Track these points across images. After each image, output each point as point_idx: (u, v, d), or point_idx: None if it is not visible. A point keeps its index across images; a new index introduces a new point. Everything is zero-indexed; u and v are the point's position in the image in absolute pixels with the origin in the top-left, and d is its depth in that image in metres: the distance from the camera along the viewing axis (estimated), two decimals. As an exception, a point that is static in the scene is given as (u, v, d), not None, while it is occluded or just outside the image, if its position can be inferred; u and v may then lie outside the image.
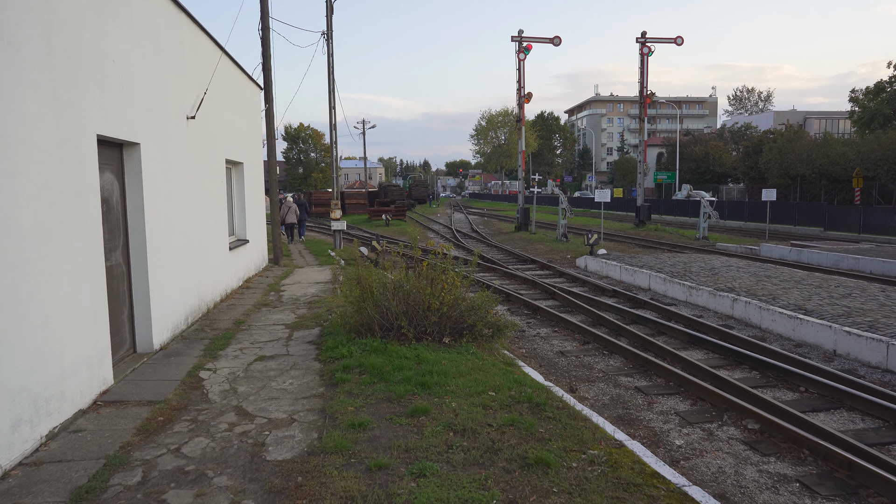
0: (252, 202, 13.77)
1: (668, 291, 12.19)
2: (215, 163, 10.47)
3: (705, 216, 25.35)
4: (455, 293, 7.45)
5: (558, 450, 4.49)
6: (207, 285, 9.65)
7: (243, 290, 11.89)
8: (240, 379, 6.30)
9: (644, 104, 31.07)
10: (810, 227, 27.97)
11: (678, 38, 30.92)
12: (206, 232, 9.71)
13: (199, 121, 9.38)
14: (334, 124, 20.46)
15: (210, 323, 8.94)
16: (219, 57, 10.45)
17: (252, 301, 10.76)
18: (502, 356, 7.22)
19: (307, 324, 8.83)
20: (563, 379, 7.18)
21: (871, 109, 50.84)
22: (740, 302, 9.88)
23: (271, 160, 16.27)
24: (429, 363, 6.46)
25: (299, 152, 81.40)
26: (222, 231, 10.91)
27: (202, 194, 9.50)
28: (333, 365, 6.62)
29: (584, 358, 8.02)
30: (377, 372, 6.25)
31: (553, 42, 29.79)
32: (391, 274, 8.06)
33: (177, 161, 8.21)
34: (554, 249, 21.32)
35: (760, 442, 5.28)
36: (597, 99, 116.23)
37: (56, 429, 4.80)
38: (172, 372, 6.48)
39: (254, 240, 13.89)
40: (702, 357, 7.90)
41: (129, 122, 6.51)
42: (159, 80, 7.54)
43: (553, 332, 9.38)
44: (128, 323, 6.87)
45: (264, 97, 15.84)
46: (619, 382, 7.01)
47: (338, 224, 20.34)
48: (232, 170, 12.80)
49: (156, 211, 7.28)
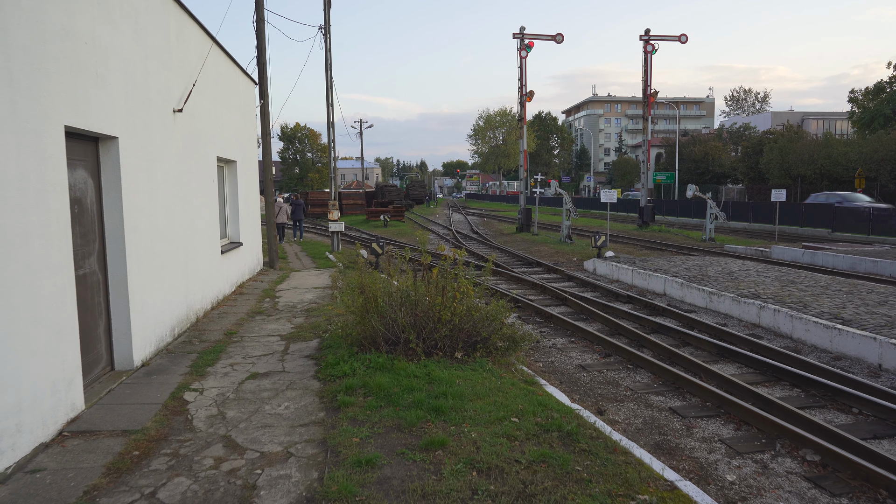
0: (246, 203, 13.07)
1: (685, 297, 11.54)
2: (206, 160, 9.76)
3: (712, 217, 24.73)
4: (468, 303, 6.77)
5: (602, 495, 3.82)
6: (196, 293, 8.95)
7: (236, 297, 11.18)
8: (229, 401, 5.60)
9: (648, 103, 30.46)
10: (817, 229, 27.38)
11: (682, 36, 30.32)
12: (196, 235, 9.01)
13: (188, 115, 8.68)
14: (332, 122, 19.75)
15: (199, 334, 8.23)
16: (209, 47, 9.75)
17: (245, 309, 10.05)
18: (521, 373, 6.54)
19: (305, 335, 8.13)
20: (588, 398, 6.51)
21: (871, 110, 50.47)
22: (768, 309, 9.22)
23: (266, 159, 15.55)
24: (442, 383, 5.78)
25: (295, 152, 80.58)
26: (213, 234, 10.21)
27: (191, 194, 8.80)
28: (335, 384, 5.93)
29: (607, 373, 7.34)
30: (384, 394, 5.56)
31: (555, 39, 29.16)
32: (396, 281, 7.38)
33: (162, 158, 7.51)
34: (559, 251, 20.65)
35: (825, 478, 4.61)
36: (594, 99, 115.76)
37: (10, 469, 4.09)
38: (154, 393, 5.78)
39: (248, 242, 13.18)
40: (735, 371, 7.24)
41: (104, 113, 5.81)
42: (141, 68, 6.83)
43: (570, 343, 8.70)
44: (104, 338, 6.16)
45: (259, 93, 15.13)
46: (650, 402, 6.33)
47: (336, 225, 19.62)
48: (224, 168, 12.09)
49: (137, 212, 6.57)
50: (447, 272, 6.87)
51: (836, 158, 43.08)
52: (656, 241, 24.26)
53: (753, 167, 55.51)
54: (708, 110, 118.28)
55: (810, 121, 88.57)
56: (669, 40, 30.21)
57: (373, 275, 7.03)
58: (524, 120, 29.53)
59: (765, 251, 19.66)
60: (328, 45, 19.37)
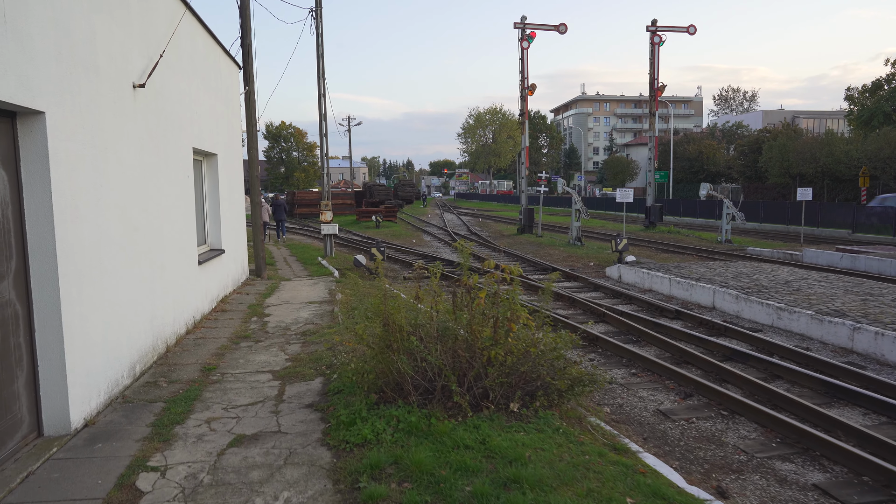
0: (229, 203, 11.26)
1: (742, 312, 9.95)
2: (178, 152, 7.98)
3: (728, 217, 23.30)
4: (526, 338, 5.09)
5: None
6: (166, 316, 7.17)
7: (217, 315, 9.39)
8: (204, 492, 3.87)
9: (655, 97, 29.01)
10: (836, 229, 26.08)
11: (690, 27, 28.90)
12: (165, 244, 7.24)
13: (154, 93, 6.90)
14: (324, 114, 17.94)
15: (168, 371, 6.46)
16: (181, 12, 7.96)
17: (228, 332, 8.28)
18: (600, 431, 4.88)
19: (304, 371, 6.40)
20: (694, 466, 4.85)
21: (870, 107, 49.66)
22: (866, 332, 7.65)
23: (252, 153, 13.73)
24: (506, 458, 4.09)
25: (281, 151, 78.16)
26: (188, 241, 8.43)
27: (159, 194, 7.03)
28: (353, 459, 4.22)
29: (698, 423, 5.70)
30: (427, 479, 3.86)
31: (558, 29, 27.61)
32: (424, 303, 5.67)
33: (116, 145, 5.73)
34: (571, 255, 19.04)
35: None
36: (583, 98, 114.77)
37: None
38: (92, 478, 4.02)
39: (231, 249, 11.38)
40: (869, 423, 5.62)
41: (19, 77, 4.05)
42: (83, 24, 5.06)
43: (631, 376, 7.06)
44: (25, 394, 4.39)
45: (244, 78, 13.33)
46: (779, 474, 4.69)
47: (329, 227, 17.82)
48: (203, 163, 10.29)
49: (77, 218, 4.81)
50: (497, 296, 5.18)
51: (838, 157, 42.08)
52: (668, 242, 22.78)
53: (750, 165, 54.52)
54: (697, 109, 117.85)
55: (801, 119, 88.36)
56: (677, 31, 28.78)
57: (396, 298, 5.30)
58: (526, 114, 27.93)
59: (794, 254, 18.21)
60: (320, 29, 17.56)
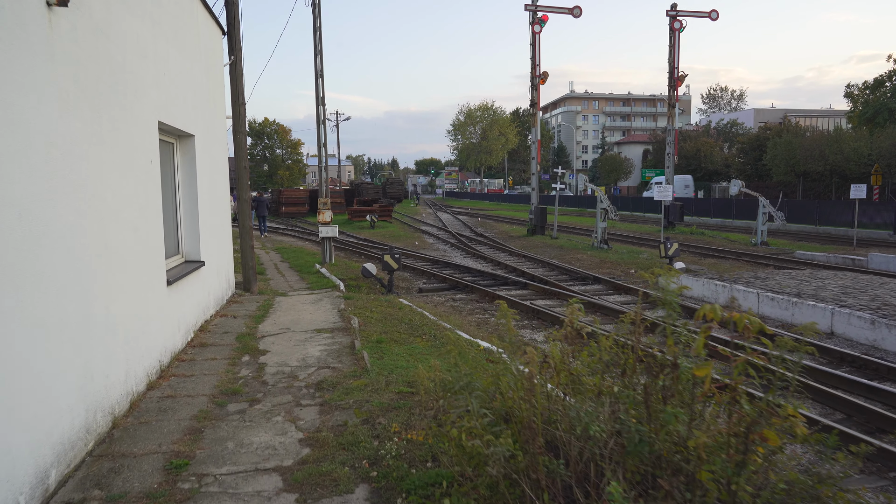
0: (210, 199, 8.72)
1: (880, 342, 7.69)
2: (135, 125, 5.46)
3: (765, 217, 21.23)
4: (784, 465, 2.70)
5: None
6: (111, 372, 4.66)
7: (195, 353, 6.86)
8: None
9: (675, 86, 26.91)
10: (874, 230, 24.16)
11: (713, 12, 26.84)
12: (113, 261, 4.73)
13: (93, 27, 4.40)
14: (322, 97, 15.38)
15: (109, 472, 3.95)
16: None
17: (209, 384, 5.76)
18: None
19: (333, 469, 3.92)
20: None
21: (873, 104, 48.32)
22: None
23: (239, 138, 11.15)
24: None
25: (264, 149, 74.97)
26: (152, 253, 5.91)
27: (98, 183, 4.52)
28: None
29: None
30: None
31: (573, 13, 25.36)
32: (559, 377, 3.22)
33: (11, 102, 3.23)
34: (604, 261, 16.72)
35: None
36: (572, 96, 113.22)
37: None
38: None
39: (213, 259, 8.84)
40: None
41: None
42: None
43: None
44: None
45: (228, 46, 10.78)
46: None
47: (328, 229, 15.28)
48: (176, 146, 7.75)
49: None
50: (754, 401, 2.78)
51: (848, 154, 40.49)
52: (697, 245, 20.63)
53: (753, 163, 52.96)
54: (685, 108, 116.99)
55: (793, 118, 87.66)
56: (699, 16, 26.70)
57: (531, 384, 2.86)
58: (538, 105, 25.58)
59: (858, 259, 16.09)
60: (317, 24, 15.00)
